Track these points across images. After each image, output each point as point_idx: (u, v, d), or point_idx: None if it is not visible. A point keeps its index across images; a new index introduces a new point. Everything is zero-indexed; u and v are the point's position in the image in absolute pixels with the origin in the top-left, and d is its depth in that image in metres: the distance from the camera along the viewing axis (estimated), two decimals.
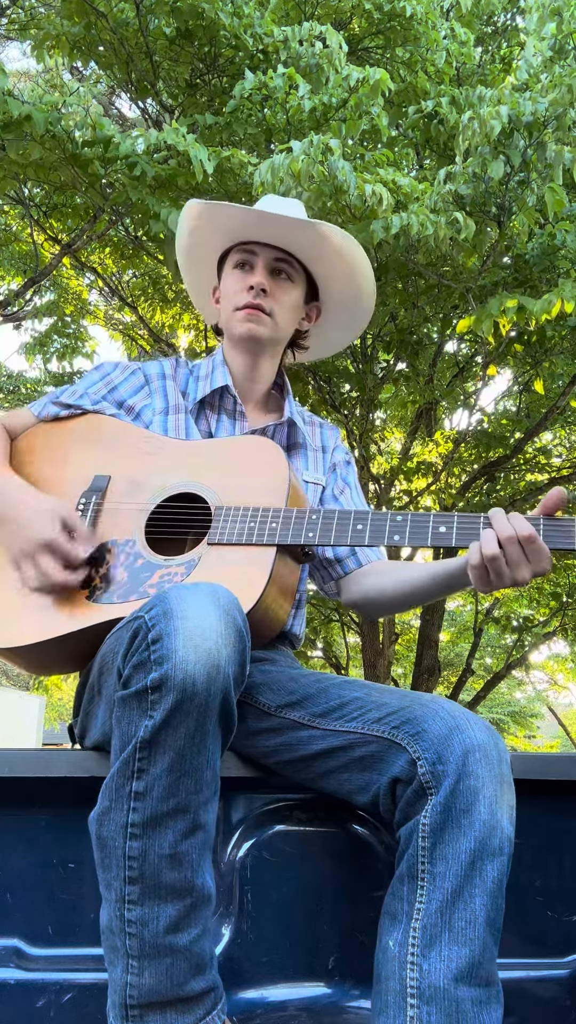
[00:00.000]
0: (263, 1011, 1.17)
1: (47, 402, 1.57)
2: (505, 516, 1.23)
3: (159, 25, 4.91)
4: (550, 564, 1.22)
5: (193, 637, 0.98)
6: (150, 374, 1.60)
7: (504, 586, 1.23)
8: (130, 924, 0.98)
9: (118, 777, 1.00)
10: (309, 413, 1.75)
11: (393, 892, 1.04)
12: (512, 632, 10.27)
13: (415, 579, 1.45)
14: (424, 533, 1.28)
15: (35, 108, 3.91)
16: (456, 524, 1.27)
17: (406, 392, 7.17)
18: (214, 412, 1.58)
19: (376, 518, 1.32)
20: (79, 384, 1.59)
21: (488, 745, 1.04)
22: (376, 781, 1.10)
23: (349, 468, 1.71)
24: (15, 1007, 1.15)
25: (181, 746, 0.97)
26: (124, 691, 1.01)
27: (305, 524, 1.32)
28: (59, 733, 22.37)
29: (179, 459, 1.44)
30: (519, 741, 18.94)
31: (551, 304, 4.11)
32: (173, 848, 0.98)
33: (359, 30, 5.71)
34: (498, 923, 0.99)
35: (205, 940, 0.99)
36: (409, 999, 0.95)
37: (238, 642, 1.03)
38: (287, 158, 3.77)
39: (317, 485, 1.62)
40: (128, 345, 8.18)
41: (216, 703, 0.98)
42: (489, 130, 3.87)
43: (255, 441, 1.45)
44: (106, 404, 1.55)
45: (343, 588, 1.59)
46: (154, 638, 0.99)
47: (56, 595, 1.34)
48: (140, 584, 1.31)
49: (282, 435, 1.61)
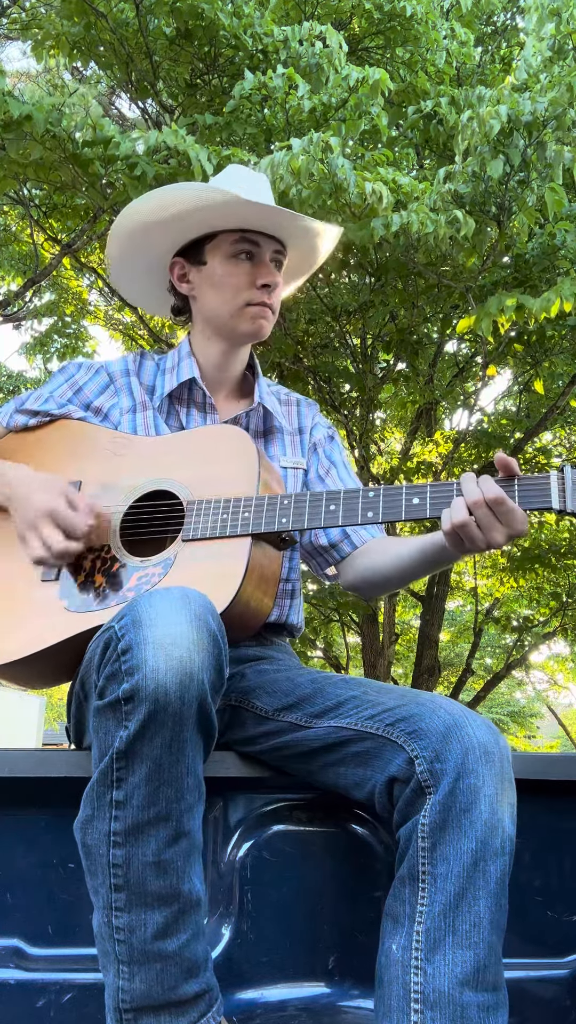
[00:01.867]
0: (263, 1011, 1.17)
1: (12, 411, 1.53)
2: (475, 481, 1.20)
3: (159, 25, 4.91)
4: (525, 526, 1.19)
5: (164, 646, 0.97)
6: (114, 372, 1.55)
7: (480, 550, 1.21)
8: (118, 931, 0.97)
9: (98, 786, 1.00)
10: (287, 391, 1.68)
11: (395, 895, 1.02)
12: (512, 632, 10.26)
13: (405, 554, 1.42)
14: (397, 507, 1.26)
15: (35, 108, 3.91)
16: (429, 495, 1.25)
17: (406, 392, 7.16)
18: (183, 406, 1.54)
19: (348, 496, 1.29)
20: (43, 388, 1.56)
21: (489, 743, 1.03)
22: (372, 778, 1.10)
23: (333, 444, 1.64)
24: (15, 1007, 1.15)
25: (158, 755, 0.96)
26: (99, 702, 1.00)
27: (278, 510, 1.29)
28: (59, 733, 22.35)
29: (148, 457, 1.43)
30: (519, 741, 18.93)
31: (550, 302, 4.11)
32: (157, 856, 0.97)
33: (359, 30, 5.71)
34: (502, 925, 0.98)
35: (196, 944, 0.99)
36: (413, 1004, 0.94)
37: (212, 647, 1.01)
38: (287, 155, 3.76)
39: (297, 469, 1.57)
40: (128, 345, 8.18)
41: (192, 711, 0.97)
42: (488, 129, 3.87)
43: (222, 430, 1.42)
44: (73, 408, 1.52)
45: (341, 572, 1.56)
46: (124, 648, 0.98)
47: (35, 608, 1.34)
48: (119, 588, 1.30)
49: (257, 421, 1.57)
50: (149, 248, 1.55)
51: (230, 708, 1.30)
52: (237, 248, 1.49)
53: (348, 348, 6.66)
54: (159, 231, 1.51)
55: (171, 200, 1.46)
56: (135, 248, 1.56)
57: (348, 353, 6.70)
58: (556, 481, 1.19)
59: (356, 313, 6.06)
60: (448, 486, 1.24)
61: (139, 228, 1.52)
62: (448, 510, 1.21)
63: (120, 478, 1.42)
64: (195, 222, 1.48)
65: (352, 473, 1.64)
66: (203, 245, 1.51)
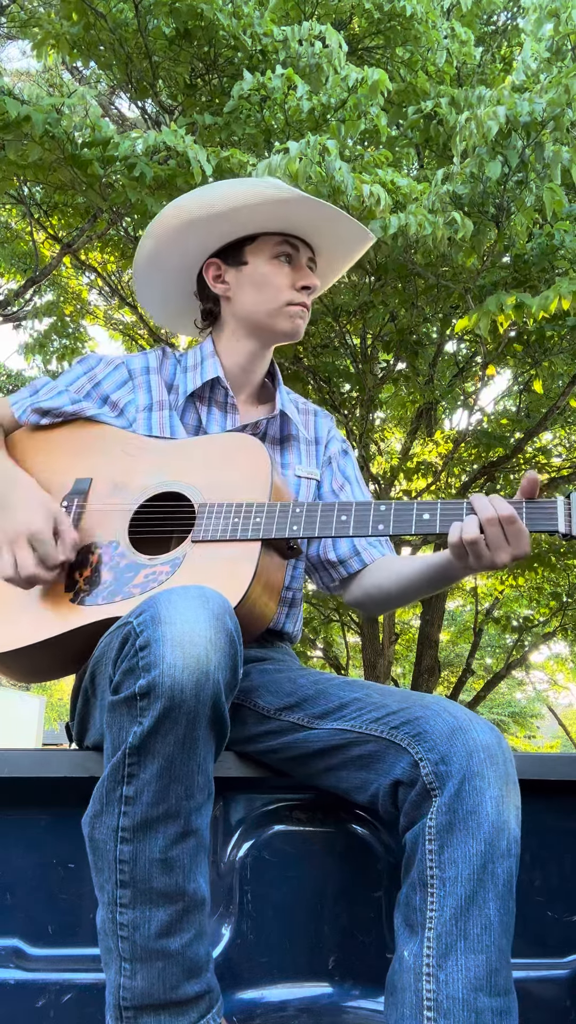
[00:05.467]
0: (263, 1011, 1.16)
1: (28, 406, 1.51)
2: (487, 499, 1.23)
3: (158, 25, 4.91)
4: (528, 547, 1.23)
5: (181, 643, 0.97)
6: (134, 368, 1.55)
7: (483, 569, 1.24)
8: (122, 927, 0.97)
9: (109, 781, 1.00)
10: (304, 401, 1.70)
11: (407, 902, 1.01)
12: (512, 632, 10.27)
13: (408, 572, 1.43)
14: (408, 521, 1.28)
15: (34, 109, 3.91)
16: (440, 511, 1.27)
17: (406, 392, 7.17)
18: (204, 404, 1.54)
19: (360, 508, 1.31)
20: (60, 379, 1.55)
21: (492, 745, 1.03)
22: (374, 781, 1.10)
23: (347, 459, 1.66)
24: (15, 1007, 1.15)
25: (171, 752, 0.97)
26: (114, 696, 1.01)
27: (289, 517, 1.31)
28: (59, 733, 22.36)
29: (161, 459, 1.43)
30: (519, 741, 18.93)
31: (549, 301, 4.11)
32: (164, 853, 0.97)
33: (359, 30, 5.72)
34: (511, 927, 0.98)
35: (199, 944, 0.99)
36: (426, 1012, 0.93)
37: (228, 647, 1.02)
38: (284, 159, 3.77)
39: (311, 479, 1.58)
40: (128, 345, 8.17)
41: (206, 709, 0.98)
42: (486, 130, 3.87)
43: (236, 438, 1.43)
44: (87, 404, 1.51)
45: (347, 588, 1.57)
46: (142, 644, 0.99)
47: (40, 598, 1.34)
48: (125, 584, 1.31)
49: (275, 428, 1.58)
50: (183, 248, 1.56)
51: (232, 706, 1.30)
52: (280, 250, 1.52)
53: (348, 348, 6.66)
54: (199, 230, 1.52)
55: (222, 195, 1.47)
56: (169, 248, 1.56)
57: (348, 353, 6.71)
58: (563, 506, 1.23)
59: (356, 313, 6.06)
60: (459, 504, 1.27)
61: (182, 225, 1.52)
62: (459, 524, 1.23)
63: (132, 477, 1.42)
64: (244, 220, 1.50)
65: (366, 489, 1.65)
66: (243, 247, 1.54)
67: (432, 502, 1.29)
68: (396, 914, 1.03)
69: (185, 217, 1.51)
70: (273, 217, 1.50)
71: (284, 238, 1.53)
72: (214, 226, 1.51)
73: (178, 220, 1.52)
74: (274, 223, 1.51)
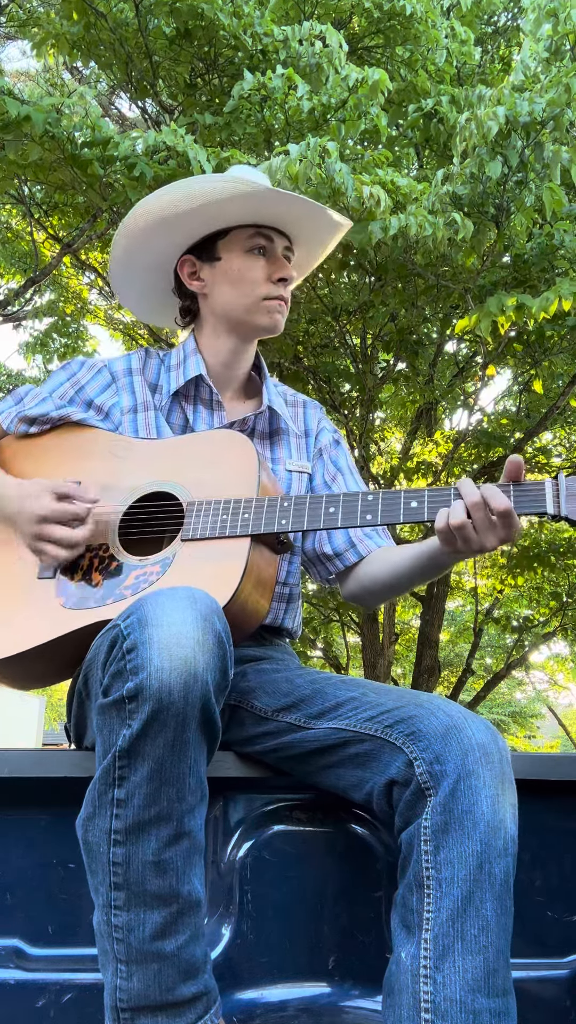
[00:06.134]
0: (263, 1011, 1.16)
1: (14, 415, 1.51)
2: (474, 484, 1.22)
3: (158, 25, 4.91)
4: (518, 531, 1.21)
5: (168, 645, 0.97)
6: (116, 371, 1.54)
7: (473, 553, 1.23)
8: (117, 929, 0.97)
9: (100, 784, 1.00)
10: (293, 392, 1.68)
11: (404, 903, 1.01)
12: (512, 632, 10.27)
13: (398, 561, 1.43)
14: (396, 510, 1.27)
15: (34, 109, 3.91)
16: (427, 498, 1.26)
17: (406, 392, 7.16)
18: (190, 403, 1.53)
19: (348, 499, 1.30)
20: (44, 386, 1.55)
21: (488, 744, 1.03)
22: (370, 780, 1.09)
23: (339, 449, 1.64)
24: (15, 1007, 1.15)
25: (160, 755, 0.96)
26: (103, 699, 1.01)
27: (278, 512, 1.30)
28: (59, 733, 22.35)
29: (149, 460, 1.43)
30: (519, 741, 18.94)
31: (549, 302, 4.11)
32: (157, 855, 0.97)
33: (359, 29, 5.72)
34: (509, 927, 0.97)
35: (194, 945, 0.99)
36: (423, 1013, 0.93)
37: (217, 647, 1.01)
38: (284, 160, 3.77)
39: (302, 473, 1.57)
40: (128, 345, 8.17)
41: (195, 711, 0.97)
42: (486, 131, 3.87)
43: (223, 435, 1.43)
44: (72, 410, 1.50)
45: (343, 582, 1.57)
46: (129, 647, 0.99)
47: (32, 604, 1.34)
48: (116, 587, 1.31)
49: (263, 423, 1.57)
50: (154, 247, 1.54)
51: (229, 708, 1.30)
52: (253, 243, 1.50)
53: (348, 348, 6.66)
54: (169, 228, 1.50)
55: (188, 193, 1.45)
56: (141, 247, 1.55)
57: (348, 353, 6.70)
58: (551, 487, 1.21)
59: (356, 313, 6.06)
60: (446, 491, 1.26)
61: (151, 225, 1.50)
62: (445, 510, 1.22)
63: (120, 479, 1.42)
64: (213, 215, 1.47)
65: (359, 479, 1.63)
66: (215, 241, 1.51)
67: (419, 489, 1.28)
68: (393, 915, 1.03)
69: (153, 217, 1.49)
70: (243, 210, 1.47)
71: (257, 230, 1.50)
72: (183, 223, 1.49)
73: (146, 220, 1.50)
74: (245, 216, 1.48)
